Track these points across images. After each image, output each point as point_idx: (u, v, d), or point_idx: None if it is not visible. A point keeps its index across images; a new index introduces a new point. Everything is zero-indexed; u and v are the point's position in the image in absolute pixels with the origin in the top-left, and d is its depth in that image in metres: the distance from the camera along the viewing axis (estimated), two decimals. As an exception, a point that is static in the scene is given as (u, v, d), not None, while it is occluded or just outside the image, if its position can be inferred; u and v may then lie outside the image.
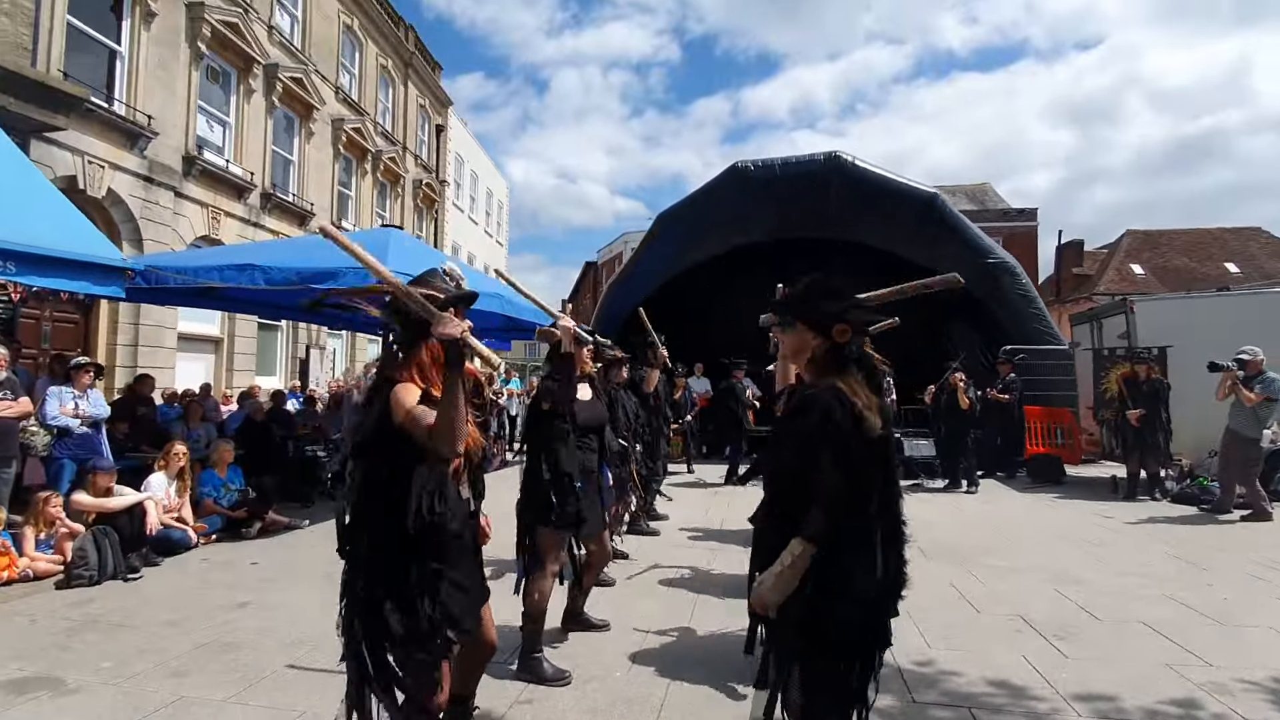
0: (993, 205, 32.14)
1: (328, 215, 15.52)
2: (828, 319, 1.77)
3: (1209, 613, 3.88)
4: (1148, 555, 5.27)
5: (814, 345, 1.81)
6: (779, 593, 1.64)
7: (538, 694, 2.87)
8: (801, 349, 1.84)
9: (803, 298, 1.86)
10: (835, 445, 1.61)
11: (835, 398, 1.68)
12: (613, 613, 3.79)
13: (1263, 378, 6.53)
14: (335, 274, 6.19)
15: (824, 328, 1.78)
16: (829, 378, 1.75)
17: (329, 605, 3.96)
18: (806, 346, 1.82)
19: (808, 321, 1.82)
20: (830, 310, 1.78)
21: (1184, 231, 30.35)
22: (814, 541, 1.62)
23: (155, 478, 5.58)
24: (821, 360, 1.80)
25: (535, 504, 3.03)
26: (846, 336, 1.76)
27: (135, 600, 4.20)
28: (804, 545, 1.62)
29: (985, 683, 2.96)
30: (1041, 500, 7.90)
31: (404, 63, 20.05)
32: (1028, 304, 10.69)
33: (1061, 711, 2.70)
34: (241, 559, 5.19)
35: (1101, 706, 2.75)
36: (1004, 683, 2.96)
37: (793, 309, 1.87)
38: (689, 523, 6.47)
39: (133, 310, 10.01)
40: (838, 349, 1.77)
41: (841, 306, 1.79)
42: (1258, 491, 6.55)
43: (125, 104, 9.95)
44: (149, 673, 3.10)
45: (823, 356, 1.79)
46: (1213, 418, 7.06)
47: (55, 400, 5.57)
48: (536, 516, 3.03)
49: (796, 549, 1.63)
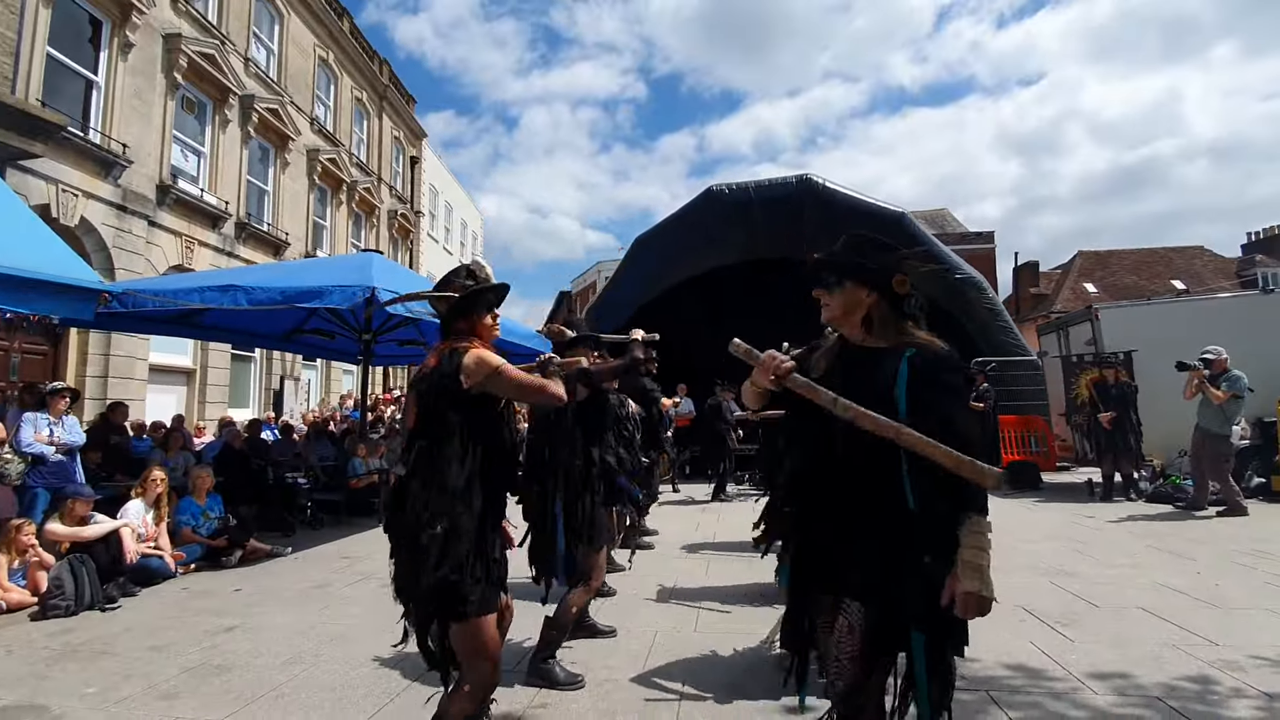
0: (951, 229, 33.21)
1: (303, 245, 15.39)
2: (884, 272, 1.65)
3: (1204, 597, 3.97)
4: (1134, 549, 5.38)
5: (869, 303, 1.68)
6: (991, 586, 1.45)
7: (552, 698, 2.81)
8: (853, 308, 1.69)
9: (851, 253, 1.72)
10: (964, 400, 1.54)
11: (952, 353, 1.59)
12: (617, 621, 3.74)
13: (1228, 376, 6.79)
14: (320, 293, 6.14)
15: (880, 282, 1.65)
16: (900, 334, 1.64)
17: (324, 625, 3.87)
18: (860, 305, 1.68)
19: (860, 278, 1.68)
20: (885, 262, 1.66)
21: (1132, 251, 31.79)
22: (987, 513, 1.46)
23: (132, 505, 5.37)
24: (884, 317, 1.67)
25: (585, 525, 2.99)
26: (906, 287, 1.64)
27: (116, 628, 4.01)
28: (985, 520, 1.46)
29: (1000, 667, 2.98)
30: (1022, 505, 8.04)
31: (379, 95, 20.19)
32: (994, 317, 11.03)
33: (1079, 690, 2.73)
34: (223, 587, 5.00)
35: (1119, 684, 2.78)
36: (1018, 666, 2.98)
37: (841, 267, 1.72)
38: (682, 538, 6.43)
39: (103, 341, 9.74)
40: (898, 302, 1.66)
41: (895, 257, 1.68)
42: (1231, 487, 6.75)
43: (101, 132, 9.83)
44: (137, 696, 2.95)
45: (885, 313, 1.67)
46: (1181, 417, 7.31)
47: (30, 427, 5.37)
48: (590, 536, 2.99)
49: (982, 527, 1.46)
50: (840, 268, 1.71)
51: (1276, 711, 2.52)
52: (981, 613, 1.45)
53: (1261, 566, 4.67)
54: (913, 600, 1.50)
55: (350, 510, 8.07)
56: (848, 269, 1.70)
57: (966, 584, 1.44)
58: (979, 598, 1.44)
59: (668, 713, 2.66)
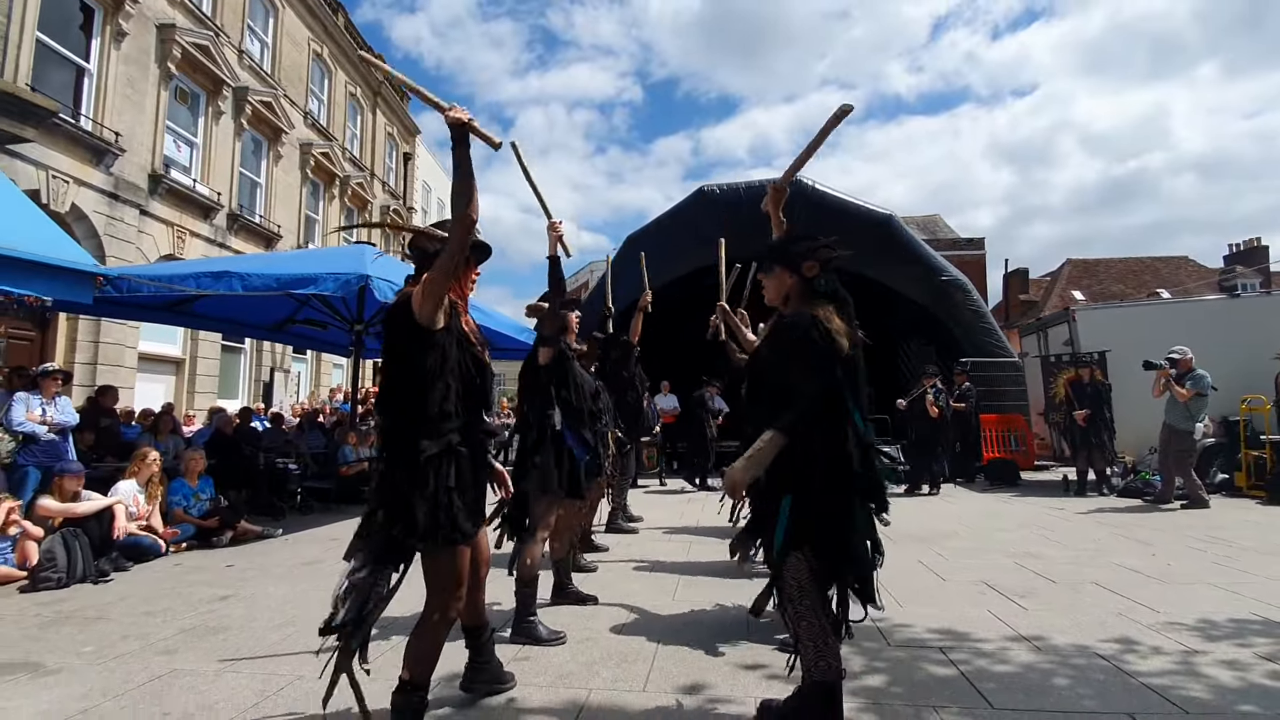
0: (943, 235, 33.58)
1: (294, 238, 15.43)
2: (798, 258, 2.10)
3: (1154, 574, 4.18)
4: (1097, 535, 5.60)
5: (790, 284, 2.12)
6: (748, 474, 1.87)
7: (534, 652, 2.96)
8: (780, 288, 2.15)
9: (777, 245, 2.21)
10: (812, 357, 1.89)
11: (811, 320, 1.96)
12: (599, 592, 3.88)
13: (1192, 375, 7.05)
14: (315, 279, 6.26)
15: (796, 266, 2.10)
16: (804, 308, 2.05)
17: (315, 594, 3.99)
18: (785, 286, 2.14)
19: (783, 263, 2.13)
20: (799, 250, 2.11)
21: (1119, 260, 32.35)
22: (784, 432, 1.84)
23: (124, 484, 5.46)
24: (797, 294, 2.11)
25: (535, 472, 3.13)
26: (815, 271, 2.07)
27: (110, 597, 4.11)
28: (774, 434, 1.85)
29: (952, 629, 3.17)
30: (999, 499, 8.26)
31: (373, 91, 20.26)
32: (979, 319, 11.27)
33: (1016, 646, 2.95)
34: (215, 563, 5.10)
35: (1056, 641, 2.99)
36: (968, 628, 3.17)
37: (771, 255, 2.19)
38: (665, 524, 6.59)
39: (93, 328, 9.77)
40: (809, 283, 2.08)
41: (809, 247, 2.11)
42: (1194, 481, 7.00)
43: (93, 120, 9.87)
44: (135, 653, 3.07)
45: (798, 291, 2.11)
46: (1151, 416, 7.56)
47: (22, 406, 5.44)
48: (539, 484, 3.13)
49: (767, 437, 1.86)
50: (770, 255, 2.18)
51: (1189, 663, 2.74)
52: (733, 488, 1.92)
53: (1212, 550, 4.89)
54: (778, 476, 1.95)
55: (340, 498, 8.17)
56: (775, 256, 2.16)
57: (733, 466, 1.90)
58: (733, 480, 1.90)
59: (643, 663, 2.81)
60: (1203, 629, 3.15)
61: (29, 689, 2.67)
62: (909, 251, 11.07)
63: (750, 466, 1.86)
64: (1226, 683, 2.54)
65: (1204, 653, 2.84)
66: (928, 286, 11.27)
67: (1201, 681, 2.55)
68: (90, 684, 2.70)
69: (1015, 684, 2.55)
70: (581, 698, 2.49)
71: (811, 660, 1.91)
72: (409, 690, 2.06)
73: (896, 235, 10.97)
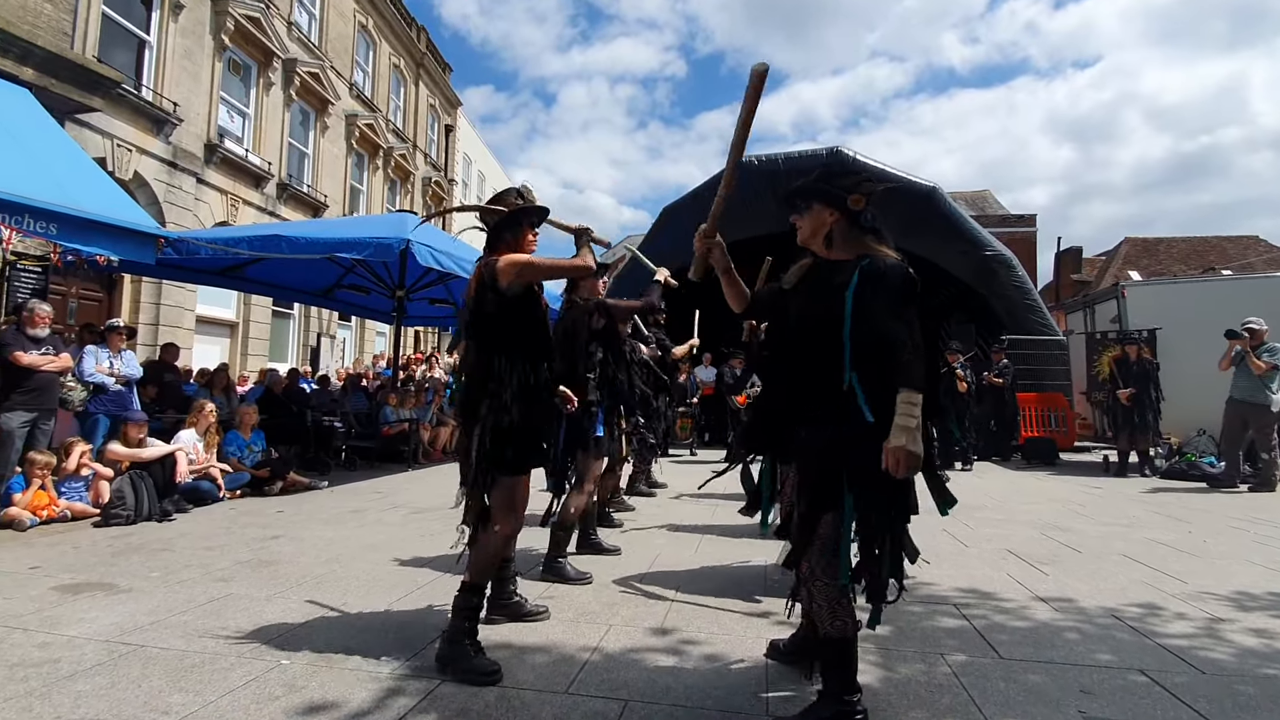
0: (992, 211, 32.42)
1: (340, 208, 15.86)
2: (842, 192, 1.94)
3: (1187, 549, 4.11)
4: (1133, 512, 5.49)
5: (831, 222, 1.96)
6: (918, 444, 1.68)
7: (560, 590, 3.12)
8: (819, 228, 1.98)
9: (814, 181, 2.02)
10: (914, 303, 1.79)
11: (904, 266, 1.82)
12: (623, 545, 4.03)
13: (1268, 347, 6.69)
14: (356, 244, 6.50)
15: (839, 201, 1.93)
16: (856, 246, 1.91)
17: (359, 537, 4.26)
18: (824, 224, 1.97)
19: (824, 199, 1.96)
20: (845, 184, 1.95)
21: (1182, 240, 30.62)
22: (918, 390, 1.69)
23: (185, 433, 5.84)
24: (842, 232, 1.95)
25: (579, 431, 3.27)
26: (861, 204, 1.91)
27: (172, 534, 4.46)
28: (916, 394, 1.69)
29: (971, 590, 3.20)
30: (1034, 476, 8.11)
31: (415, 63, 20.47)
32: (1023, 295, 10.95)
33: (1033, 606, 2.96)
34: (267, 509, 5.44)
35: (1073, 605, 2.99)
36: (988, 589, 3.20)
37: (807, 193, 2.01)
38: (689, 490, 6.70)
39: (154, 290, 10.31)
40: (855, 218, 1.93)
41: (854, 180, 1.96)
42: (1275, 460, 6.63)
43: (153, 90, 10.30)
44: (195, 579, 3.35)
45: (842, 229, 1.95)
46: (1203, 396, 7.28)
47: (92, 358, 5.84)
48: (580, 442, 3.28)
49: (914, 399, 1.68)
50: (807, 192, 2.02)
51: (1214, 629, 2.71)
52: (910, 468, 1.68)
53: (1255, 529, 4.76)
54: (842, 465, 1.78)
55: (382, 457, 8.53)
56: (814, 193, 2.00)
57: (895, 440, 1.68)
58: (906, 451, 1.67)
59: (661, 607, 2.94)
60: (1236, 600, 3.09)
61: (106, 603, 2.96)
62: (953, 225, 10.78)
63: (913, 436, 1.67)
64: (1252, 647, 2.52)
65: (1232, 620, 2.81)
66: (971, 261, 10.98)
67: (1225, 646, 2.53)
68: (158, 602, 2.98)
69: (1027, 638, 2.59)
70: (600, 633, 2.63)
71: (828, 620, 1.85)
72: (469, 591, 2.31)
73: (940, 207, 10.68)
